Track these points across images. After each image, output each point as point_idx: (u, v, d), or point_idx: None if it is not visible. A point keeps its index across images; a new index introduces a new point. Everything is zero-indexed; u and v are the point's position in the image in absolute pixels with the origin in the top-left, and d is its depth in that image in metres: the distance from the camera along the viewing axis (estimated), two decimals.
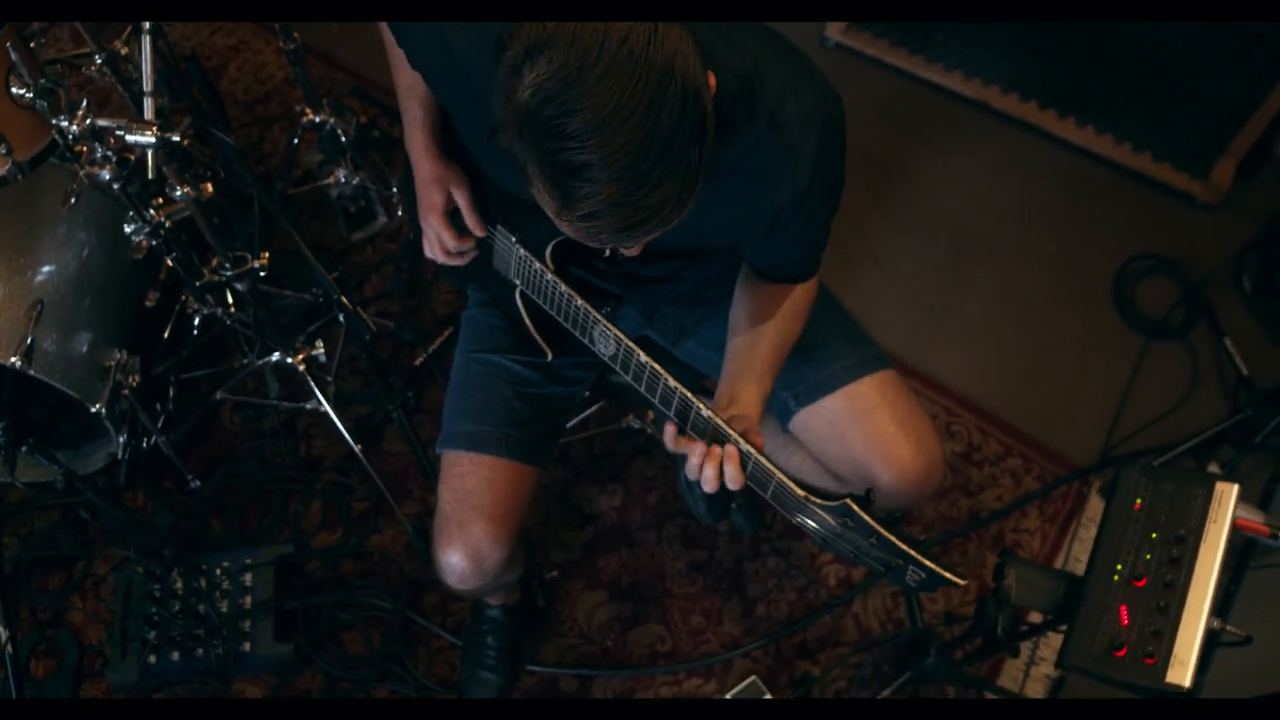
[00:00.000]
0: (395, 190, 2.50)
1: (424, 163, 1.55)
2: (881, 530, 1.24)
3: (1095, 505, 2.33)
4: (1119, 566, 1.29)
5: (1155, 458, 2.33)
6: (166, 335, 2.34)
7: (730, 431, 1.27)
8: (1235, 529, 1.27)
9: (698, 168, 1.03)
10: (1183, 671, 1.19)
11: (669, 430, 1.32)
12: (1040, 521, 2.32)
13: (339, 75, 2.98)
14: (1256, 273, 2.64)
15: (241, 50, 3.08)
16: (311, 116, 2.35)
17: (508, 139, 1.03)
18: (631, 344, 1.37)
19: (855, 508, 1.24)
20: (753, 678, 2.09)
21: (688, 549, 2.29)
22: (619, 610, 2.22)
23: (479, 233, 1.56)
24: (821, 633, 2.20)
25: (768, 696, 2.05)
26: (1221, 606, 1.28)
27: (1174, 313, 2.60)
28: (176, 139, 1.60)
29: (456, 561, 1.59)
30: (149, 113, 1.57)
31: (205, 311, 2.25)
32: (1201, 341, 2.55)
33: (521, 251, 1.51)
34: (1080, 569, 2.22)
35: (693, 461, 1.30)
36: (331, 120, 2.36)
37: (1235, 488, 1.28)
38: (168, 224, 1.92)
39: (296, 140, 2.47)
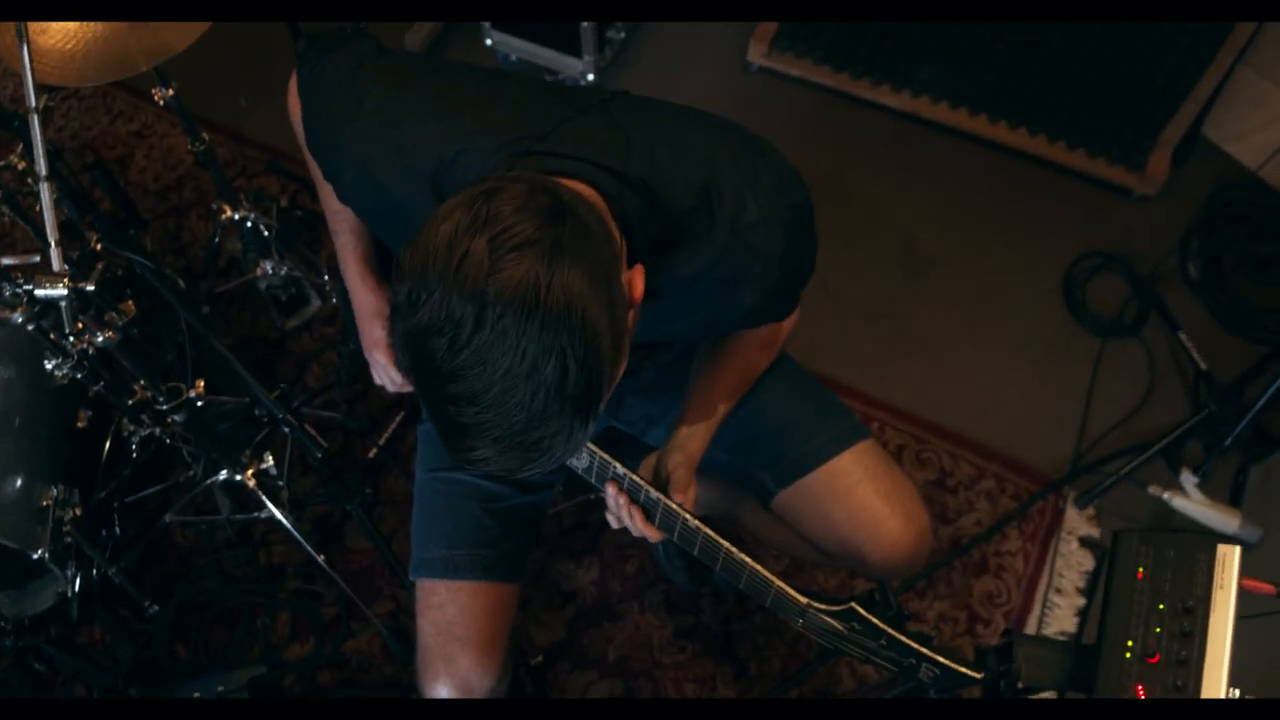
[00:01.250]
0: (326, 276, 2.40)
1: (363, 294, 1.48)
2: (891, 631, 1.21)
3: (1073, 518, 2.32)
4: (1129, 643, 1.26)
5: (1125, 462, 2.32)
6: (104, 458, 2.23)
7: (646, 486, 1.29)
8: (1242, 591, 1.24)
9: (583, 434, 0.96)
10: None
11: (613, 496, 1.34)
12: (1021, 541, 2.30)
13: (251, 153, 2.86)
14: (1200, 259, 2.64)
15: (146, 135, 2.94)
16: (230, 214, 2.24)
17: (400, 363, 0.95)
18: (606, 456, 1.32)
19: (862, 611, 1.21)
20: None
21: (672, 616, 2.23)
22: (611, 688, 2.17)
23: None
24: (818, 684, 2.16)
25: None
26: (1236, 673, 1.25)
27: (1126, 309, 2.59)
28: (90, 288, 1.49)
29: (445, 694, 1.52)
30: (56, 264, 1.47)
31: (143, 433, 2.14)
32: (1157, 336, 2.55)
33: None
34: (1065, 588, 2.25)
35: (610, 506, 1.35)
36: (252, 215, 2.25)
37: (1237, 550, 1.25)
38: (90, 353, 1.81)
39: (217, 239, 2.36)
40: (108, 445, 2.24)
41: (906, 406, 2.47)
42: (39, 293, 1.50)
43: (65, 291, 1.49)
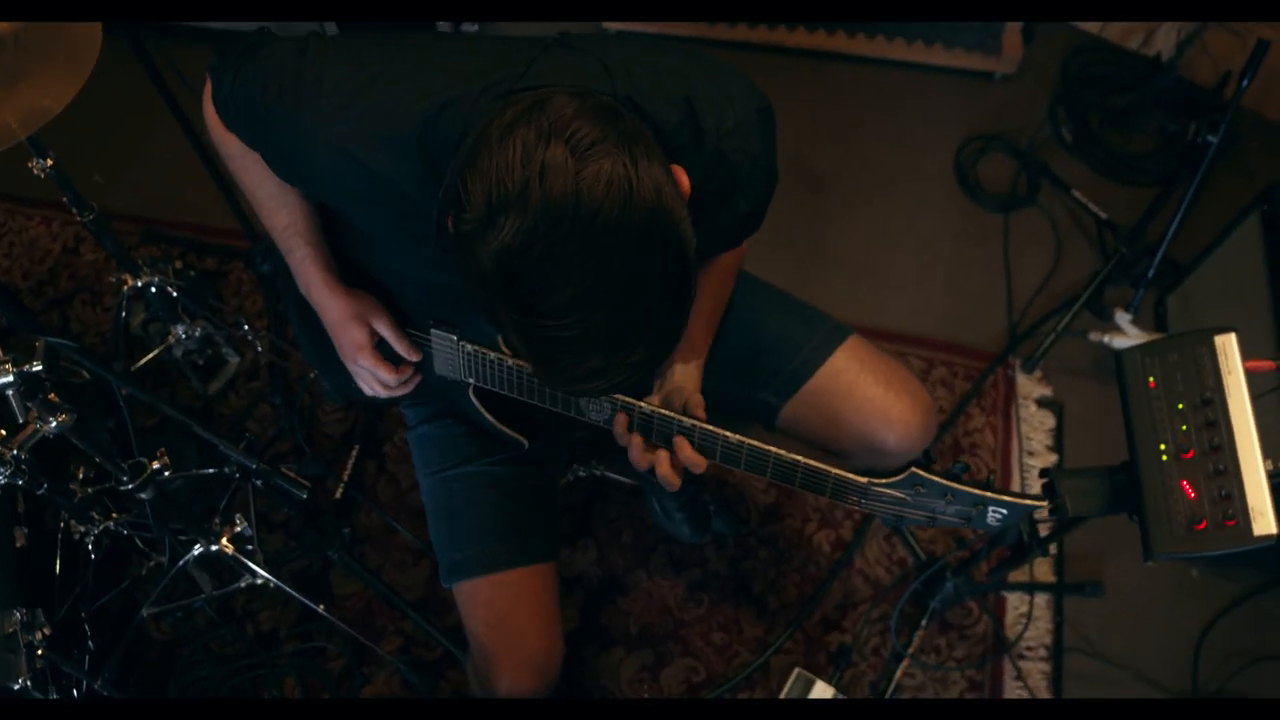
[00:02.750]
0: (245, 326, 2.29)
1: (332, 302, 1.41)
2: (955, 485, 1.23)
3: (1025, 383, 2.42)
4: (1162, 446, 1.32)
5: (1057, 319, 2.43)
6: (58, 570, 2.07)
7: (677, 417, 1.27)
8: (1248, 374, 1.31)
9: (681, 325, 0.97)
10: (1266, 522, 1.23)
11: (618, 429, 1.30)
12: (984, 417, 2.38)
13: (124, 226, 2.70)
14: (1071, 123, 2.79)
15: (3, 234, 2.75)
16: (133, 282, 2.12)
17: (475, 292, 0.93)
18: (628, 399, 1.30)
19: (923, 474, 1.23)
20: (796, 670, 2.05)
21: (681, 573, 2.23)
22: (642, 659, 2.14)
23: (413, 358, 1.45)
24: (837, 600, 2.19)
25: (819, 683, 2.03)
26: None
27: (1018, 182, 2.72)
28: (37, 368, 1.39)
29: (518, 687, 1.48)
30: None
31: (96, 530, 2.00)
32: (1052, 201, 2.68)
33: (469, 347, 1.39)
34: (1036, 449, 2.34)
35: (634, 457, 1.30)
36: (156, 279, 2.13)
37: (1233, 337, 1.33)
38: (25, 455, 1.68)
39: (125, 314, 2.22)
40: (58, 554, 2.09)
41: (843, 319, 2.51)
42: None
43: (11, 378, 1.38)
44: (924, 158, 2.77)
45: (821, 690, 2.03)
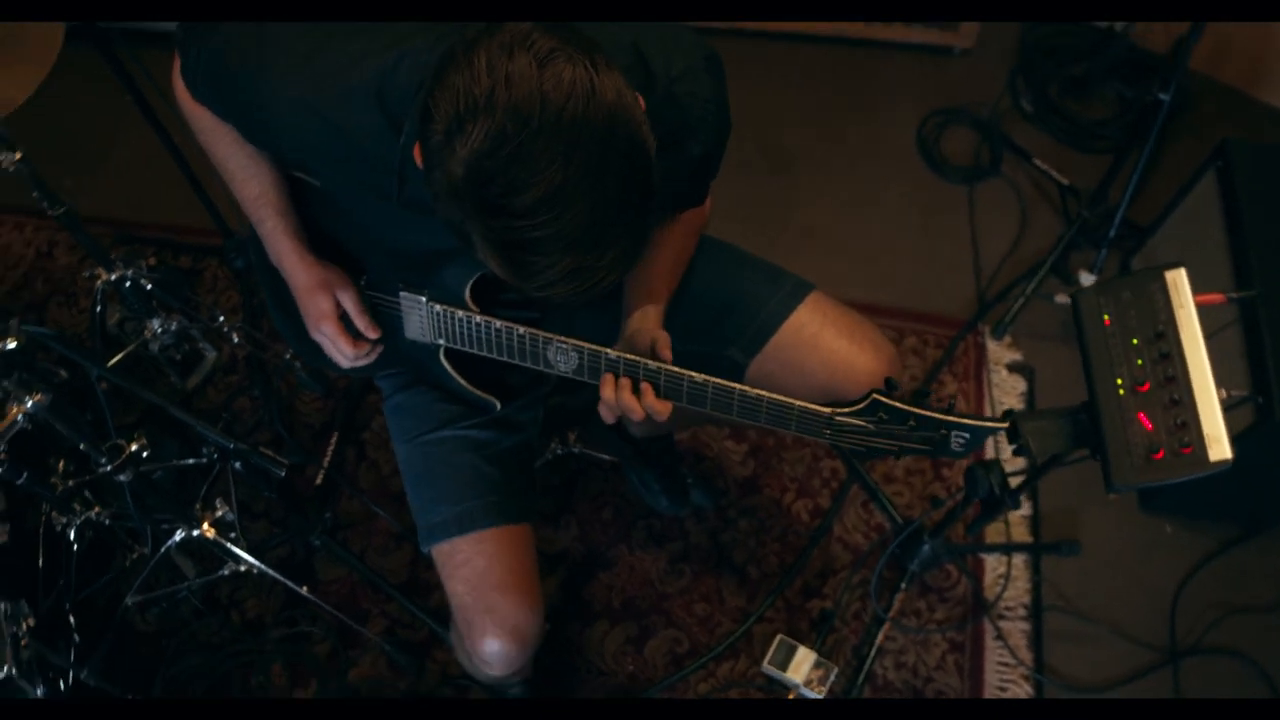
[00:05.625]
0: (221, 318, 2.31)
1: (300, 271, 1.43)
2: (917, 410, 1.25)
3: (995, 349, 2.45)
4: (1119, 381, 1.35)
5: (1025, 285, 2.47)
6: (40, 563, 2.08)
7: (642, 360, 1.30)
8: (1199, 307, 1.35)
9: (651, 222, 1.00)
10: (1221, 448, 1.26)
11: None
12: (956, 383, 2.42)
13: (96, 229, 2.68)
14: (1030, 94, 2.84)
15: None
16: (107, 276, 2.13)
17: (446, 212, 0.96)
18: (595, 346, 1.33)
19: (884, 399, 1.25)
20: (779, 637, 2.08)
21: (662, 546, 2.25)
22: (625, 632, 2.16)
23: (371, 334, 1.48)
24: (817, 568, 2.21)
25: (801, 648, 2.05)
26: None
27: (980, 154, 2.76)
28: (12, 345, 1.40)
29: (499, 647, 1.49)
30: None
31: (77, 521, 2.01)
32: (1015, 170, 2.73)
33: (437, 308, 1.42)
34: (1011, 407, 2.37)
35: (606, 413, 1.32)
36: (129, 272, 2.14)
37: (1183, 271, 1.36)
38: (3, 446, 1.69)
39: (100, 308, 2.23)
40: (41, 548, 2.10)
41: None
42: None
43: None
44: (888, 133, 2.81)
45: (804, 655, 2.05)
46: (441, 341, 1.46)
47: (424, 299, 1.41)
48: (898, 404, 1.23)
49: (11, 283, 2.67)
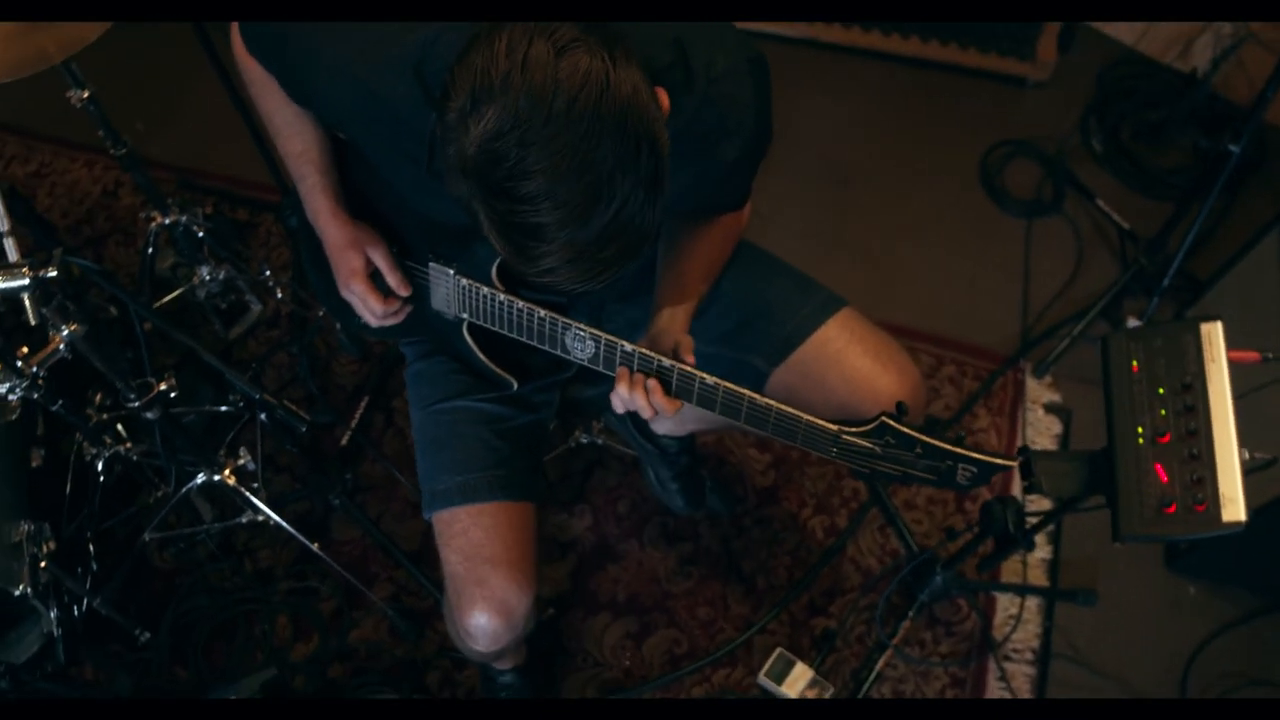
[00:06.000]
0: (267, 272, 2.35)
1: (334, 228, 1.46)
2: (924, 437, 1.23)
3: (1034, 387, 2.41)
4: (1139, 430, 1.33)
5: (1072, 326, 2.43)
6: (68, 490, 2.14)
7: (656, 356, 1.29)
8: (1231, 363, 1.31)
9: (655, 221, 1.00)
10: (1235, 509, 1.23)
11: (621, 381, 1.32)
12: (990, 418, 2.38)
13: (160, 174, 2.78)
14: (1101, 134, 2.78)
15: (46, 174, 2.84)
16: (161, 220, 2.18)
17: (455, 188, 0.98)
18: (611, 336, 1.33)
19: (892, 423, 1.24)
20: (778, 650, 2.07)
21: (673, 546, 2.25)
22: (626, 627, 2.16)
23: (403, 291, 1.49)
24: (825, 585, 2.20)
25: (799, 664, 2.04)
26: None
27: (1043, 189, 2.71)
28: (53, 274, 1.44)
29: (485, 622, 1.50)
30: (12, 254, 1.41)
31: (105, 453, 2.06)
32: (1076, 209, 2.67)
33: (464, 281, 1.43)
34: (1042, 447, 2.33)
35: (618, 404, 1.31)
36: (183, 218, 2.19)
37: (1219, 325, 1.33)
38: (43, 373, 1.75)
39: (150, 249, 2.29)
40: (70, 476, 2.16)
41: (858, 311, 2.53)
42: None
43: (27, 281, 1.44)
44: (952, 158, 2.78)
45: (801, 671, 2.04)
46: (465, 316, 1.48)
47: (452, 271, 1.43)
48: (906, 429, 1.22)
49: (75, 217, 2.75)
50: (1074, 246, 2.61)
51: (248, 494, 2.01)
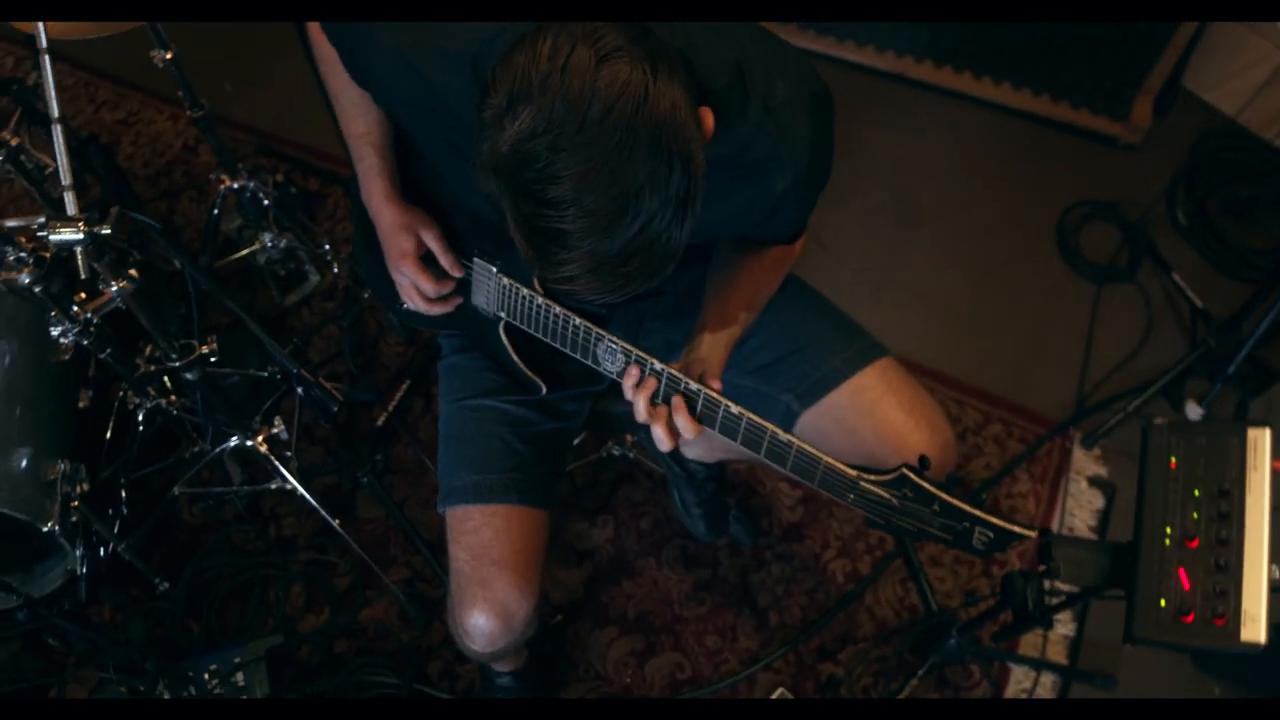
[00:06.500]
0: (327, 245, 2.39)
1: (387, 210, 1.47)
2: (943, 495, 1.20)
3: (1081, 458, 2.34)
4: (1168, 530, 1.28)
5: (1129, 401, 2.35)
6: (109, 435, 2.19)
7: (684, 378, 1.26)
8: (1275, 474, 1.26)
9: (681, 240, 0.98)
10: (1256, 628, 1.18)
11: (628, 382, 1.30)
12: (1031, 483, 2.32)
13: (241, 136, 2.84)
14: (1188, 205, 2.69)
15: (133, 123, 2.92)
16: (229, 183, 2.23)
17: (485, 185, 0.98)
18: (643, 353, 1.31)
19: (913, 476, 1.20)
20: (779, 689, 2.04)
21: (690, 570, 2.23)
22: (632, 644, 2.15)
23: (456, 273, 1.48)
24: (838, 631, 2.16)
25: None
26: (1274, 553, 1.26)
27: (1119, 255, 2.63)
28: (106, 231, 1.48)
29: (484, 623, 1.50)
30: (71, 208, 1.45)
31: (148, 404, 2.11)
32: (1150, 280, 2.59)
33: (505, 281, 1.43)
34: (1078, 528, 2.26)
35: (639, 409, 1.29)
36: (251, 184, 2.23)
37: (1268, 432, 1.28)
38: (96, 320, 1.79)
39: (216, 210, 2.34)
40: (111, 422, 2.22)
41: (909, 356, 2.46)
42: (55, 239, 1.48)
43: (81, 235, 1.48)
44: (1028, 211, 2.71)
45: None
46: (503, 315, 1.48)
47: (495, 269, 1.43)
48: (926, 484, 1.18)
49: (155, 168, 2.81)
50: (1143, 318, 2.53)
51: (276, 462, 2.04)
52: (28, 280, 1.64)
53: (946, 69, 2.84)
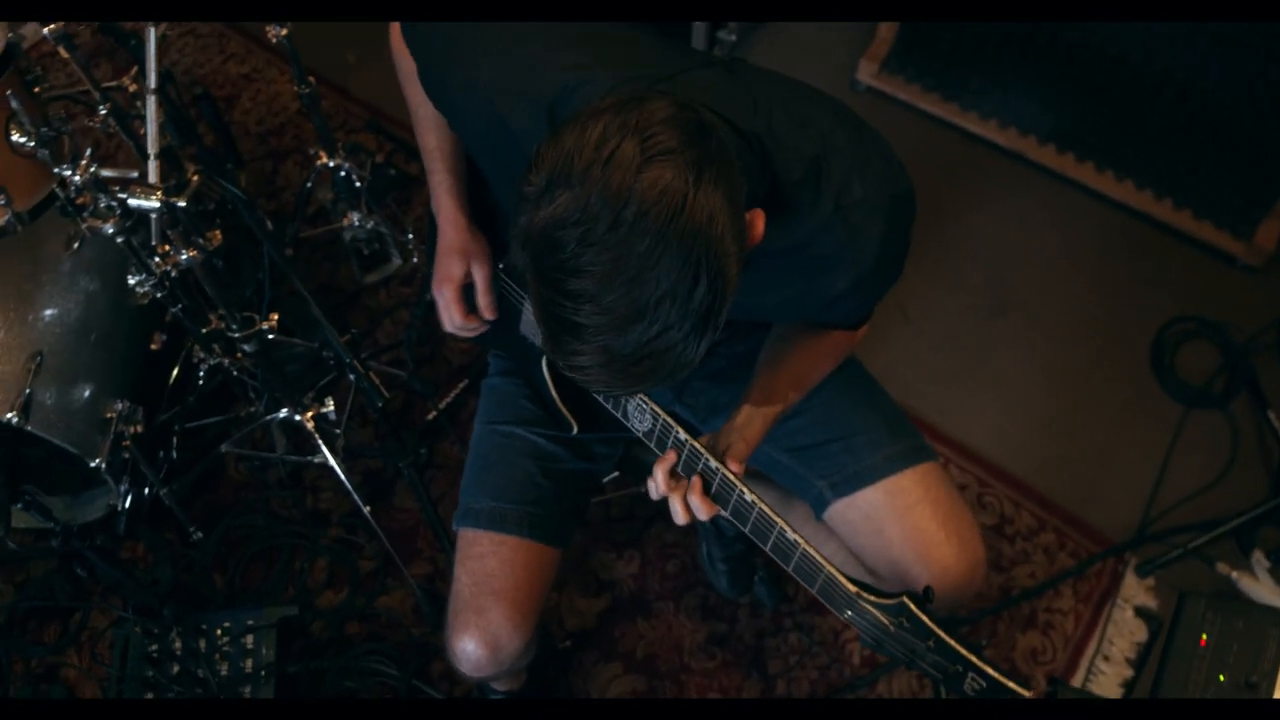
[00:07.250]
0: (410, 235, 2.42)
1: (450, 231, 1.49)
2: (941, 633, 1.16)
3: (1132, 585, 2.24)
4: None
5: (1195, 535, 2.24)
6: (171, 382, 2.26)
7: (706, 454, 1.25)
8: None
9: (696, 354, 0.95)
10: None
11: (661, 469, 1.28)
12: (1074, 601, 2.22)
13: (354, 109, 2.90)
14: None
15: (254, 79, 3.00)
16: (325, 160, 2.27)
17: (515, 256, 0.96)
18: (669, 419, 1.30)
19: (913, 607, 1.16)
20: None
21: (706, 621, 2.20)
22: (634, 684, 2.13)
23: (488, 315, 1.50)
24: None
25: None
26: None
27: (1215, 380, 2.50)
28: (182, 204, 1.51)
29: (472, 650, 1.50)
30: (153, 176, 1.49)
31: (211, 360, 2.17)
32: (1243, 412, 2.45)
33: None
34: (1114, 656, 2.16)
35: (658, 480, 1.28)
36: (346, 165, 2.27)
37: None
38: (173, 274, 1.84)
39: (310, 184, 2.39)
40: (176, 370, 2.28)
41: (974, 446, 2.41)
42: (133, 202, 1.52)
43: (158, 204, 1.52)
44: (1128, 316, 2.59)
45: None
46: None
47: None
48: (925, 618, 1.14)
49: (268, 127, 2.89)
50: (1227, 451, 2.40)
51: (319, 440, 2.07)
52: (111, 230, 1.69)
53: (1069, 156, 2.73)
